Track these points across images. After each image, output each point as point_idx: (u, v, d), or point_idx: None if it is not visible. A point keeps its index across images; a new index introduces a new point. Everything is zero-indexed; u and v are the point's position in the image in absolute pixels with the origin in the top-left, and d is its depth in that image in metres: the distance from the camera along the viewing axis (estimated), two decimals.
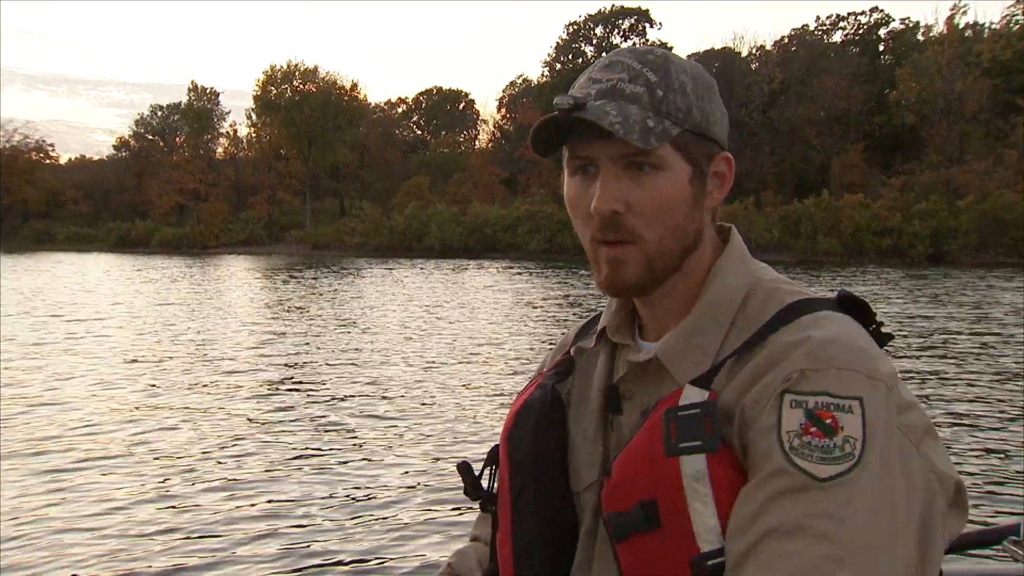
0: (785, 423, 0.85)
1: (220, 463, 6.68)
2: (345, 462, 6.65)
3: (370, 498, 5.78)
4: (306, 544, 4.95)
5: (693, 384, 0.93)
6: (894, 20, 61.04)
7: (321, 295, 22.99)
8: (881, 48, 60.37)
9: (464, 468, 1.15)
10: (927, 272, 32.58)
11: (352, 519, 5.36)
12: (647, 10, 66.16)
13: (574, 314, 17.93)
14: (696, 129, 0.97)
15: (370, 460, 6.71)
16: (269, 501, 5.70)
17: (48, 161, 77.21)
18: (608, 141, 0.94)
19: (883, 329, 0.97)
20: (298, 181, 66.52)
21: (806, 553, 0.80)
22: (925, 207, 41.70)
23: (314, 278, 30.55)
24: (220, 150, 74.20)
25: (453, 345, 13.03)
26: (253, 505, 5.64)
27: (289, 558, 4.74)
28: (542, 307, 19.60)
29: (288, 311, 18.94)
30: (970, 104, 47.51)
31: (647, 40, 65.44)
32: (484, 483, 1.15)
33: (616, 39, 65.82)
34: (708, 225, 1.03)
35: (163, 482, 6.17)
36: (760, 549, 0.82)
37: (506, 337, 14.11)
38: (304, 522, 5.30)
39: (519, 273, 33.40)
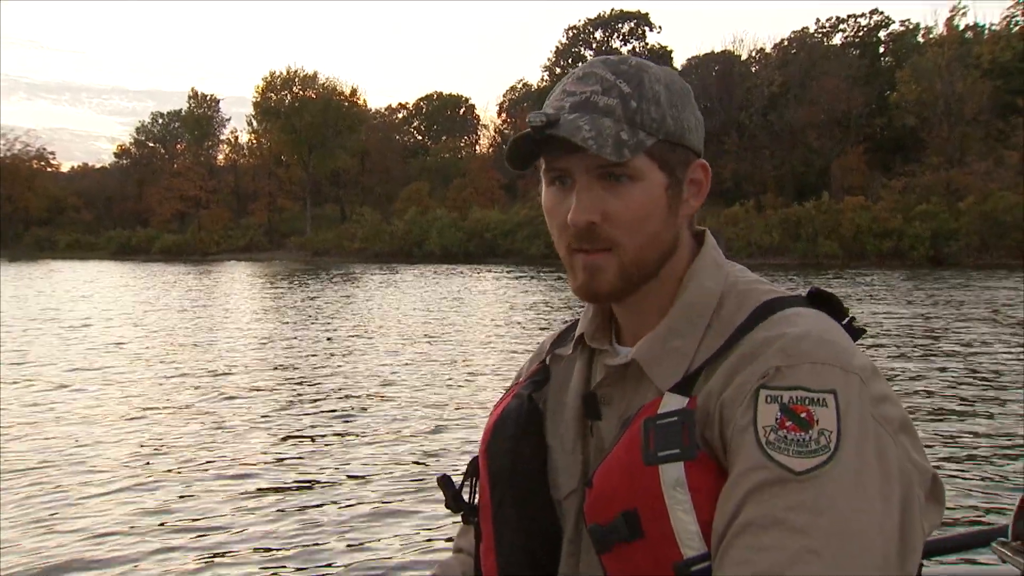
0: (761, 418, 0.85)
1: (214, 465, 6.68)
2: (332, 471, 6.60)
3: (354, 507, 5.73)
4: (291, 554, 4.92)
5: (672, 391, 0.93)
6: (894, 22, 61.15)
7: (320, 302, 22.93)
8: (881, 50, 60.33)
9: (445, 481, 1.14)
10: (928, 274, 32.51)
11: (335, 528, 5.32)
12: (647, 13, 66.32)
13: (572, 319, 17.80)
14: (671, 138, 0.98)
15: (357, 469, 6.66)
16: (257, 509, 5.66)
17: (49, 169, 77.32)
18: (582, 153, 0.95)
19: (856, 324, 0.97)
20: (298, 187, 66.59)
21: (783, 546, 0.80)
22: (926, 209, 41.60)
23: (314, 285, 30.52)
24: (221, 157, 74.38)
25: (449, 352, 12.95)
26: (240, 510, 5.62)
27: (276, 566, 4.73)
28: (540, 313, 19.53)
29: (286, 317, 18.89)
30: (970, 106, 47.44)
31: (647, 44, 65.51)
32: (465, 495, 1.14)
33: (616, 43, 65.85)
34: (684, 231, 1.04)
35: (157, 484, 6.16)
36: (738, 543, 0.82)
37: (503, 344, 14.04)
38: (289, 533, 5.26)
39: (518, 278, 33.32)
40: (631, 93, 0.96)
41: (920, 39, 56.27)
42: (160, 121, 76.41)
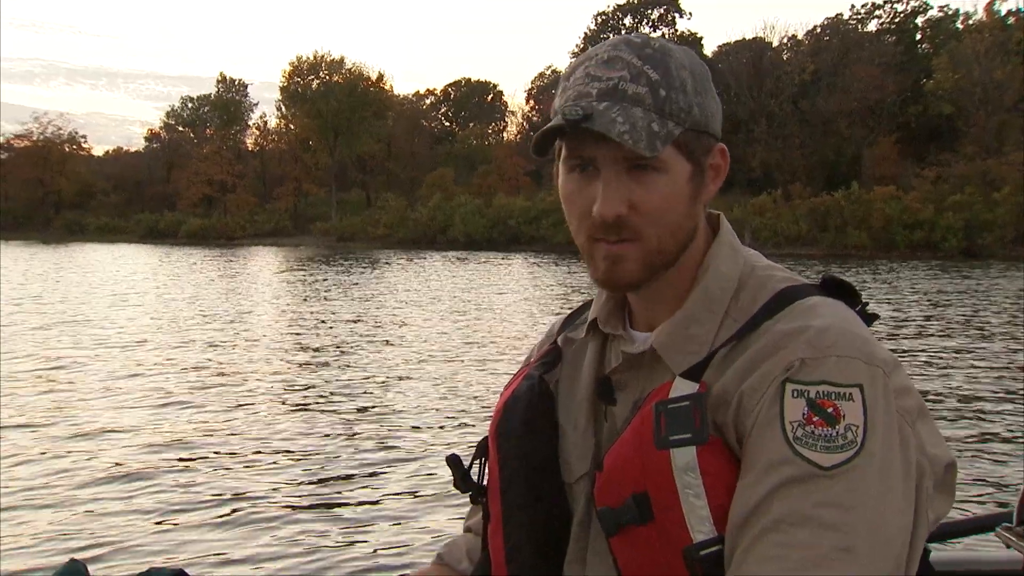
0: (788, 413, 0.85)
1: (223, 448, 6.70)
2: (345, 450, 6.69)
3: (365, 485, 5.77)
4: (303, 530, 4.90)
5: (683, 376, 0.93)
6: (932, 8, 59.68)
7: (342, 287, 22.90)
8: (918, 37, 58.89)
9: (454, 460, 1.13)
10: (959, 266, 31.84)
11: (345, 505, 5.33)
12: None
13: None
14: (696, 127, 0.96)
15: (368, 448, 6.70)
16: (271, 488, 5.65)
17: (82, 153, 77.97)
18: (611, 143, 0.92)
19: (869, 311, 0.98)
20: (324, 173, 66.60)
21: (814, 544, 0.81)
22: (959, 199, 40.61)
23: (337, 271, 30.52)
24: (250, 142, 74.53)
25: (468, 337, 12.97)
26: (251, 492, 5.58)
27: (286, 545, 4.70)
28: (562, 300, 19.37)
29: (307, 303, 18.92)
30: (1010, 94, 46.13)
31: (676, 30, 64.51)
32: (474, 475, 1.13)
33: (645, 29, 64.91)
34: (701, 215, 1.04)
35: (170, 468, 6.15)
36: (767, 539, 0.82)
37: (523, 329, 13.94)
38: (301, 510, 5.25)
39: (541, 266, 33.22)
40: (659, 81, 0.94)
41: (959, 25, 54.86)
42: (190, 106, 76.81)
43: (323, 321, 15.07)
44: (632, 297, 1.05)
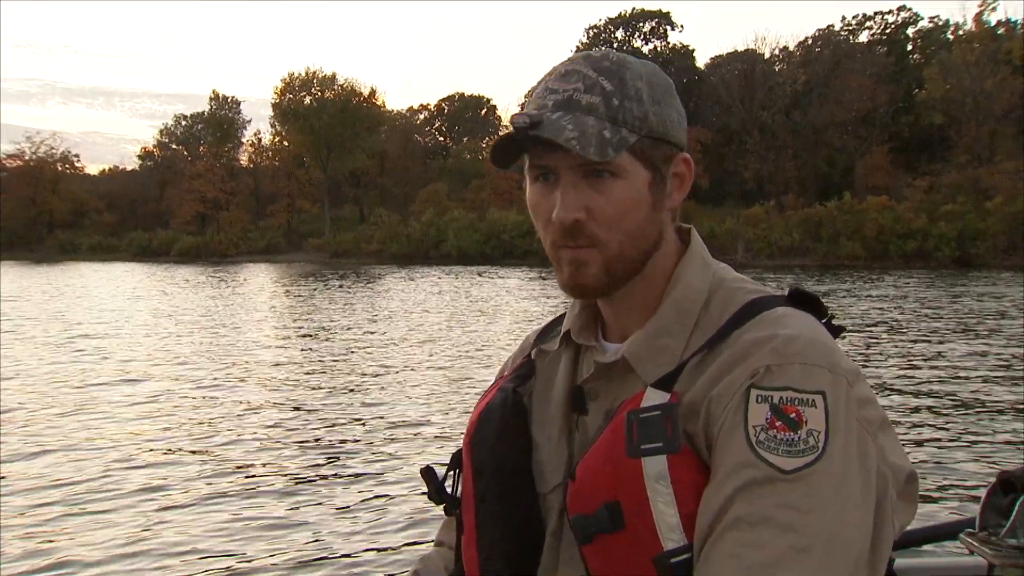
0: (751, 417, 0.87)
1: (212, 460, 6.71)
2: (322, 462, 6.67)
3: (343, 498, 5.75)
4: (279, 547, 4.89)
5: (654, 386, 0.94)
6: (923, 19, 59.89)
7: (332, 303, 22.79)
8: (909, 47, 59.10)
9: (428, 472, 1.14)
10: (951, 275, 31.78)
11: (320, 522, 5.30)
12: (668, 12, 65.40)
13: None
14: (653, 134, 0.99)
15: (348, 462, 6.67)
16: (248, 505, 5.64)
17: (75, 172, 77.71)
18: (565, 151, 0.95)
19: (835, 323, 1.00)
20: (317, 189, 66.52)
21: (772, 543, 0.82)
22: (951, 209, 40.62)
23: (328, 287, 30.42)
24: (244, 159, 74.40)
25: (455, 351, 12.91)
26: (235, 505, 5.61)
27: (266, 559, 4.69)
28: (550, 314, 19.10)
29: (296, 319, 18.87)
30: (1000, 103, 46.23)
31: (668, 43, 64.72)
32: (448, 487, 1.15)
33: (637, 42, 65.10)
34: (669, 227, 1.05)
35: (162, 489, 6.07)
36: (726, 539, 0.84)
37: (507, 344, 13.85)
38: (278, 526, 5.23)
39: (533, 280, 33.13)
40: (613, 91, 0.97)
41: (950, 36, 55.08)
42: (183, 123, 76.76)
43: (309, 336, 15.07)
44: (604, 308, 1.06)
